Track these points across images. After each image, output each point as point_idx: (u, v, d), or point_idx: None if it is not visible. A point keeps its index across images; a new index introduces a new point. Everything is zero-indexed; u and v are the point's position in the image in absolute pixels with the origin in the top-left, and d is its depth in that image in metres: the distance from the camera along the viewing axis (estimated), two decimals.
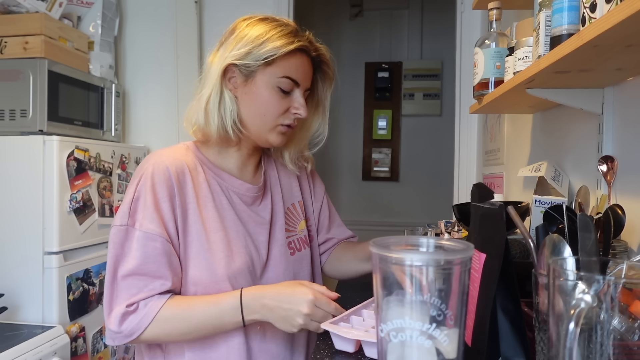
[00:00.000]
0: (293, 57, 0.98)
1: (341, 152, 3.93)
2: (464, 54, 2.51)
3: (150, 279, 0.93)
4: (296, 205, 1.17)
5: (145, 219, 0.94)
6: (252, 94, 0.99)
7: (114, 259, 0.95)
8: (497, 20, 1.29)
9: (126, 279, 0.93)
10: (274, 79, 0.98)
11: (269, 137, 1.02)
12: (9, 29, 1.97)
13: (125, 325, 0.92)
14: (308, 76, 1.02)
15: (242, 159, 1.08)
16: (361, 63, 3.96)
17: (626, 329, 0.53)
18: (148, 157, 1.02)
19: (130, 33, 2.63)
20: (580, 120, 1.23)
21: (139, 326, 0.92)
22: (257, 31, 0.97)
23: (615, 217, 0.84)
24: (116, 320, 0.92)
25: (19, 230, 1.89)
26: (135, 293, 0.93)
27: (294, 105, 1.00)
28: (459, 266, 0.58)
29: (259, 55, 0.96)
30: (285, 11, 2.56)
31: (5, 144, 1.92)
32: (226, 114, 0.99)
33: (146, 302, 0.93)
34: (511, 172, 1.86)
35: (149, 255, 0.93)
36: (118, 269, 0.95)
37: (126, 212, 0.96)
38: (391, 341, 0.59)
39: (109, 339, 0.95)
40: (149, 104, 2.62)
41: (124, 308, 0.92)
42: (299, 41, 0.98)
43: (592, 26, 0.69)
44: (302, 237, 1.15)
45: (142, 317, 0.92)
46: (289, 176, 1.18)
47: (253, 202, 1.08)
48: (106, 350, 2.17)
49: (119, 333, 0.92)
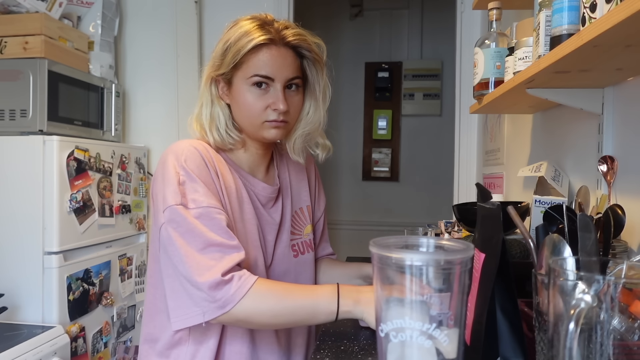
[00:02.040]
0: (260, 53, 0.97)
1: (341, 152, 3.93)
2: (464, 54, 2.51)
3: (226, 249, 0.91)
4: (304, 210, 1.18)
5: (202, 196, 0.93)
6: (235, 99, 1.02)
7: (182, 236, 0.91)
8: (497, 20, 1.29)
9: (203, 251, 0.90)
10: (246, 79, 0.99)
11: (262, 133, 1.03)
12: (9, 29, 1.97)
13: (220, 294, 0.87)
14: (284, 67, 0.99)
15: (252, 159, 1.08)
16: (361, 63, 3.96)
17: (626, 329, 0.53)
18: (170, 148, 1.00)
19: (130, 33, 2.63)
20: (580, 120, 1.23)
21: (233, 297, 0.88)
22: (225, 38, 1.00)
23: (615, 217, 0.84)
24: (211, 289, 0.87)
25: (19, 230, 1.89)
26: (215, 264, 0.89)
27: (271, 101, 1.00)
28: (459, 266, 0.58)
29: (228, 62, 0.98)
30: (285, 11, 2.56)
31: (5, 144, 1.92)
32: (220, 124, 1.02)
33: (240, 275, 0.89)
34: (511, 172, 1.86)
35: (217, 227, 0.91)
36: (191, 243, 0.90)
37: (177, 192, 0.93)
38: (391, 341, 0.59)
39: (193, 317, 0.89)
40: (149, 103, 2.62)
41: (219, 277, 0.87)
42: (261, 35, 0.96)
43: (592, 26, 0.69)
44: (306, 240, 1.16)
45: (238, 288, 0.88)
46: (300, 180, 1.19)
47: (267, 202, 1.09)
48: (106, 351, 2.17)
49: (215, 302, 0.87)
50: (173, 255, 0.92)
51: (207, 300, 0.88)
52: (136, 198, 2.44)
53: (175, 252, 0.91)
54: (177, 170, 0.95)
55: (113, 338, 2.23)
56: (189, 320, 0.90)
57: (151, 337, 1.04)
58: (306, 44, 1.02)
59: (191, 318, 0.90)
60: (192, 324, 0.90)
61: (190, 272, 0.89)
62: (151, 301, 1.05)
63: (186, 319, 0.90)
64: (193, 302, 0.89)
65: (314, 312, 0.92)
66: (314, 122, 1.08)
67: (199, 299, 0.89)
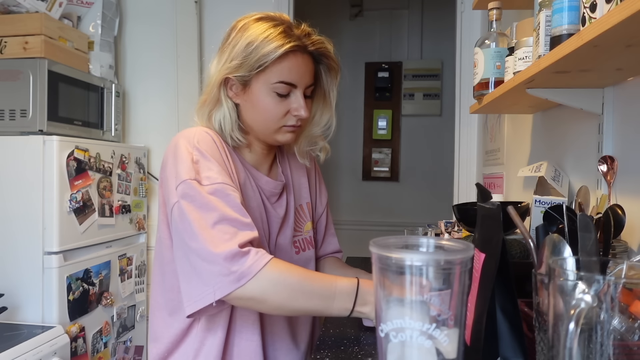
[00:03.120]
0: (286, 60, 0.96)
1: (341, 152, 3.93)
2: (464, 54, 2.51)
3: (240, 225, 0.88)
4: (304, 207, 1.18)
5: (216, 173, 0.92)
6: (251, 102, 1.00)
7: (197, 210, 0.88)
8: (497, 20, 1.29)
9: (218, 224, 0.87)
10: (269, 85, 0.97)
11: (276, 137, 1.03)
12: (9, 29, 1.97)
13: (237, 266, 0.84)
14: (307, 74, 1.00)
15: (257, 157, 1.08)
16: (361, 63, 3.96)
17: (626, 329, 0.53)
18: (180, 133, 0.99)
19: (130, 33, 2.63)
20: (580, 120, 1.23)
21: (250, 270, 0.84)
22: (248, 38, 0.96)
23: (615, 217, 0.84)
24: (227, 261, 0.84)
25: (19, 230, 1.89)
26: (231, 237, 0.86)
27: (293, 107, 0.99)
28: (459, 266, 0.58)
29: (251, 66, 0.96)
30: (285, 11, 2.56)
31: (5, 144, 1.92)
32: (225, 123, 1.01)
33: (257, 250, 0.87)
34: (511, 172, 1.86)
35: (232, 203, 0.90)
36: (205, 217, 0.87)
37: (191, 169, 0.91)
38: (391, 341, 0.59)
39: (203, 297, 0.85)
40: (149, 103, 2.62)
41: (237, 248, 0.85)
42: (290, 42, 0.95)
43: (592, 26, 0.69)
44: (307, 237, 1.16)
45: (255, 261, 0.85)
46: (300, 177, 1.19)
47: (271, 196, 1.09)
48: (106, 351, 2.17)
49: (229, 275, 0.84)
50: (185, 231, 0.88)
51: (220, 274, 0.84)
52: (136, 198, 2.44)
53: (187, 227, 0.88)
54: (190, 150, 0.94)
55: (113, 338, 2.23)
56: (200, 301, 0.86)
57: (155, 336, 1.04)
58: (327, 52, 1.02)
59: (202, 299, 0.86)
60: (203, 304, 0.85)
61: (205, 245, 0.85)
62: (154, 298, 1.05)
63: (197, 301, 0.86)
64: (202, 281, 0.86)
65: (327, 304, 0.90)
66: (320, 125, 1.09)
67: (210, 275, 0.85)
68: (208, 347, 0.99)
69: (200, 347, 0.99)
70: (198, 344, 0.99)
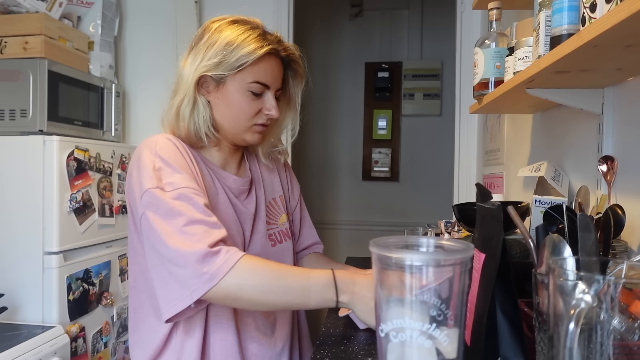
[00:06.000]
0: (263, 62, 1.00)
1: (341, 152, 3.93)
2: (464, 54, 2.51)
3: (209, 226, 0.89)
4: (277, 200, 1.19)
5: (178, 179, 0.93)
6: (224, 99, 1.02)
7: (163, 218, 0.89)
8: (497, 20, 1.29)
9: (185, 228, 0.88)
10: (245, 84, 1.00)
11: (245, 136, 1.06)
12: (9, 29, 1.97)
13: (207, 267, 0.85)
14: (278, 77, 1.04)
15: (224, 156, 1.10)
16: (361, 63, 3.95)
17: (626, 329, 0.53)
18: (142, 143, 1.01)
19: (130, 33, 2.63)
20: (580, 120, 1.23)
21: (221, 269, 0.85)
22: (227, 38, 0.98)
23: (615, 217, 0.84)
24: (198, 262, 0.85)
25: (19, 230, 1.89)
26: (200, 239, 0.87)
27: (265, 107, 1.03)
28: (459, 266, 0.58)
29: (231, 65, 0.98)
30: (285, 11, 2.56)
31: (5, 144, 1.92)
32: (199, 121, 1.02)
33: (228, 249, 0.88)
34: (511, 172, 1.86)
35: (197, 206, 0.91)
36: (172, 224, 0.89)
37: (153, 177, 0.93)
38: (391, 341, 0.59)
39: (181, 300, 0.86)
40: (149, 103, 2.62)
41: (206, 248, 0.86)
42: (268, 44, 0.99)
43: (592, 26, 0.69)
44: (283, 229, 1.17)
45: (225, 260, 0.86)
46: (270, 172, 1.21)
47: (239, 194, 1.10)
48: (106, 351, 2.17)
49: (202, 276, 0.85)
50: (155, 240, 0.90)
51: (193, 276, 0.86)
52: None
53: (156, 236, 0.89)
54: (152, 159, 0.96)
55: (113, 338, 2.23)
56: (178, 304, 0.87)
57: (142, 343, 1.04)
58: (296, 58, 1.07)
59: (180, 302, 0.87)
60: (182, 307, 0.87)
61: (175, 250, 0.87)
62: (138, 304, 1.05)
63: (175, 305, 0.88)
64: (180, 284, 0.87)
65: (306, 297, 0.91)
66: (282, 127, 1.14)
67: (185, 278, 0.86)
68: (188, 350, 0.99)
69: (181, 350, 1.00)
70: (179, 347, 1.00)
